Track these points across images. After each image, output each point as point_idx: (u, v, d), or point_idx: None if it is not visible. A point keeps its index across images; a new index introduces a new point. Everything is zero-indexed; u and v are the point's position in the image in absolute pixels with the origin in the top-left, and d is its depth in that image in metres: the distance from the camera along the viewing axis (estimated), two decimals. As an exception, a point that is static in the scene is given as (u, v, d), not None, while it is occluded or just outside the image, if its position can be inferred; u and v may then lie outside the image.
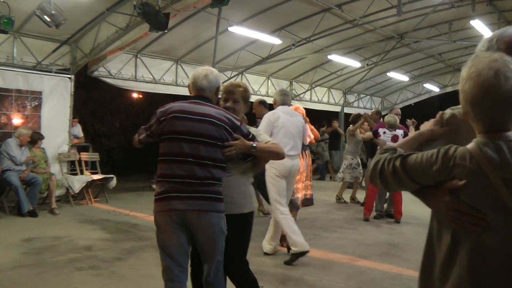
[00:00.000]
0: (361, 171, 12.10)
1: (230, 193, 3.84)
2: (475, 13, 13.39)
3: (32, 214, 9.43)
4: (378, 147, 9.71)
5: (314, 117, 15.16)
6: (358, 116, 12.15)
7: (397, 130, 10.07)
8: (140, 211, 10.25)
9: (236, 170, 3.95)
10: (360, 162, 12.29)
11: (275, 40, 13.58)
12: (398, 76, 19.98)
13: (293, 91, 18.82)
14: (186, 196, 3.59)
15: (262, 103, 8.20)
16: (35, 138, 10.37)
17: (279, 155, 4.02)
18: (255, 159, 3.94)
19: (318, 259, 6.90)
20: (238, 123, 3.76)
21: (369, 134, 10.13)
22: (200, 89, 3.79)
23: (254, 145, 3.76)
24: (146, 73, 13.67)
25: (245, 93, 4.19)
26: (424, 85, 23.11)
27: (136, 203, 11.40)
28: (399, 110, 11.33)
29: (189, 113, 3.67)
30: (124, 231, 8.47)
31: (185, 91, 14.55)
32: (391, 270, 6.44)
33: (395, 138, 9.88)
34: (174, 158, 3.65)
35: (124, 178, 12.68)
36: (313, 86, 19.77)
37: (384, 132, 10.01)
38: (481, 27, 13.69)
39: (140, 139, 3.97)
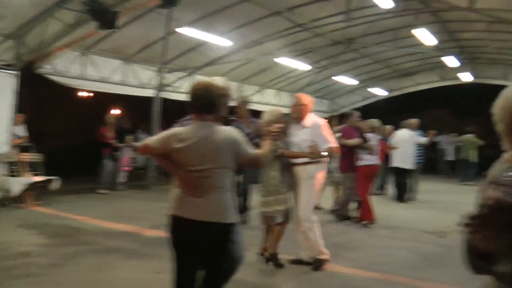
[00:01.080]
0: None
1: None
2: (419, 22, 13.76)
3: (-32, 218, 9.03)
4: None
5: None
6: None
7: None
8: (84, 214, 10.01)
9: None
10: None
11: (225, 42, 13.53)
12: (347, 80, 20.26)
13: (242, 93, 18.83)
14: None
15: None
16: None
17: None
18: None
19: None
20: None
21: (357, 140, 9.93)
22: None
23: None
24: (94, 72, 13.37)
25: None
26: (372, 89, 23.63)
27: (80, 206, 11.12)
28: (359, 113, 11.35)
29: None
30: (65, 235, 8.21)
31: (133, 91, 14.50)
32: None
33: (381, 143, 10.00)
34: None
35: (70, 180, 12.38)
36: (263, 88, 19.82)
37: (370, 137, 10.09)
38: (425, 36, 14.03)
39: None
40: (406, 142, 12.98)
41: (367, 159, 9.84)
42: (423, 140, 13.39)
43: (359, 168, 9.85)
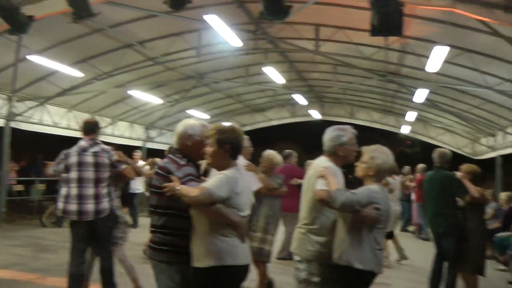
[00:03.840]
0: None
1: (191, 244, 3.80)
2: (268, 60, 14.68)
3: None
4: None
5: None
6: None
7: None
8: None
9: (194, 219, 3.77)
10: None
11: (76, 73, 13.60)
12: (199, 114, 20.77)
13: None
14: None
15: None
16: None
17: (192, 200, 3.60)
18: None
19: None
20: (176, 167, 3.84)
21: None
22: (175, 144, 4.12)
23: (178, 188, 3.63)
24: None
25: (219, 135, 3.86)
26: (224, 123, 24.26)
27: None
28: None
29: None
30: None
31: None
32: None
33: None
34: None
35: None
36: (115, 120, 19.85)
37: None
38: (273, 74, 14.97)
39: None
40: None
41: None
42: None
43: None
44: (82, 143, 6.17)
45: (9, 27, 8.30)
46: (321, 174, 4.31)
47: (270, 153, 7.39)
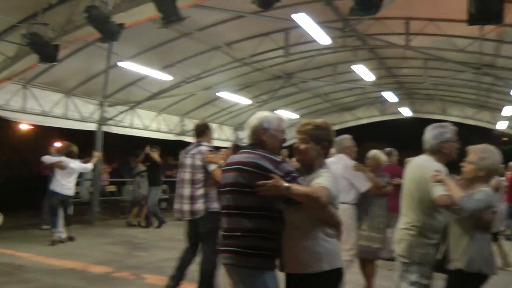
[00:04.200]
0: None
1: (290, 248, 3.51)
2: (357, 58, 14.32)
3: None
4: None
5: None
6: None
7: None
8: (26, 250, 9.77)
9: (294, 219, 3.52)
10: None
11: (165, 76, 13.81)
12: (288, 114, 20.60)
13: (184, 127, 19.00)
14: (224, 249, 3.61)
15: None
16: None
17: (314, 200, 3.32)
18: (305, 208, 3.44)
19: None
20: (272, 165, 3.47)
21: None
22: (247, 138, 3.80)
23: (287, 185, 3.34)
24: (35, 105, 13.34)
25: (316, 131, 3.67)
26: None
27: (22, 242, 10.84)
28: None
29: (228, 164, 3.73)
30: (7, 273, 7.98)
31: (75, 125, 14.49)
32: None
33: None
34: (221, 211, 3.75)
35: (10, 215, 12.10)
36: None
37: None
38: (363, 71, 14.60)
39: None
40: None
41: None
42: None
43: None
44: (189, 146, 6.52)
45: (100, 36, 8.49)
46: (437, 179, 4.06)
47: (376, 153, 7.29)
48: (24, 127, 21.18)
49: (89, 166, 10.97)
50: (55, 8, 9.27)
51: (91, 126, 15.12)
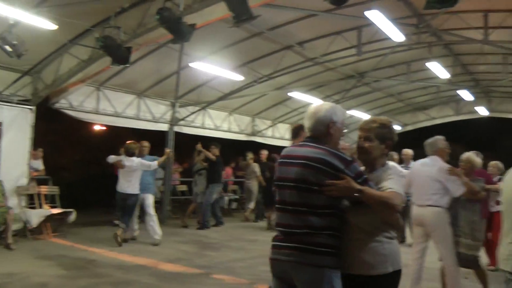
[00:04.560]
0: None
1: (355, 249, 3.40)
2: (432, 55, 13.80)
3: (-13, 249, 9.16)
4: None
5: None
6: None
7: None
8: (99, 246, 10.10)
9: (359, 221, 3.40)
10: None
11: (237, 77, 13.75)
12: (360, 114, 20.21)
13: (255, 127, 18.97)
14: (283, 245, 3.40)
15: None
16: None
17: (390, 207, 3.25)
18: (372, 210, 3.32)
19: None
20: (343, 164, 3.29)
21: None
22: (309, 130, 3.54)
23: (360, 188, 3.22)
24: (108, 106, 13.61)
25: (382, 130, 3.56)
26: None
27: (95, 238, 11.16)
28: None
29: (288, 157, 3.48)
30: (81, 268, 8.28)
31: (147, 125, 14.67)
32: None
33: None
34: (278, 206, 3.51)
35: (84, 212, 12.46)
36: (275, 122, 19.95)
37: None
38: (438, 69, 14.09)
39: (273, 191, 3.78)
40: None
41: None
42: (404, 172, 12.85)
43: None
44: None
45: (172, 37, 8.48)
46: None
47: (470, 155, 6.97)
48: (97, 127, 21.65)
49: (153, 164, 10.86)
50: (127, 12, 9.38)
51: (163, 127, 15.28)
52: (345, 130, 3.66)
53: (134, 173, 10.58)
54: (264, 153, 15.68)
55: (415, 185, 6.56)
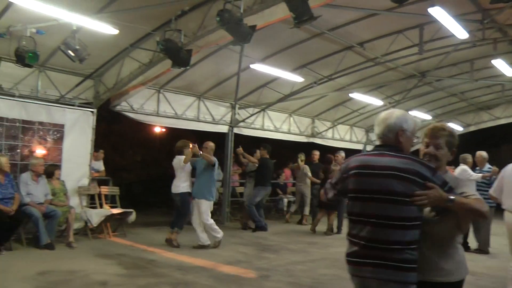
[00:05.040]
0: None
1: (433, 257, 3.33)
2: (497, 52, 13.33)
3: (49, 247, 9.44)
4: None
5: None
6: None
7: None
8: (158, 247, 10.24)
9: (441, 229, 3.33)
10: None
11: (297, 78, 13.65)
12: (421, 115, 19.75)
13: (315, 129, 18.81)
14: (367, 262, 3.25)
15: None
16: (51, 170, 10.55)
17: (481, 214, 3.21)
18: (453, 217, 3.26)
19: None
20: (430, 173, 3.21)
21: None
22: (378, 136, 3.47)
23: (452, 197, 3.14)
24: (168, 108, 13.76)
25: (450, 138, 3.52)
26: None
27: (154, 238, 11.33)
28: None
29: (371, 167, 3.33)
30: (141, 267, 8.40)
31: (207, 127, 14.74)
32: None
33: None
34: (355, 218, 3.38)
35: (143, 213, 12.65)
36: (335, 124, 19.74)
37: None
38: (503, 66, 13.62)
39: (328, 198, 3.70)
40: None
41: None
42: (475, 176, 12.43)
43: None
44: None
45: (233, 39, 8.45)
46: None
47: None
48: (157, 129, 21.94)
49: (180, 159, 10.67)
50: (187, 15, 9.42)
51: (223, 128, 15.31)
52: (415, 140, 3.53)
53: (182, 173, 10.61)
54: (316, 153, 15.52)
55: (508, 190, 6.03)
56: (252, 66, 12.51)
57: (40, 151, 10.99)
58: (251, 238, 12.11)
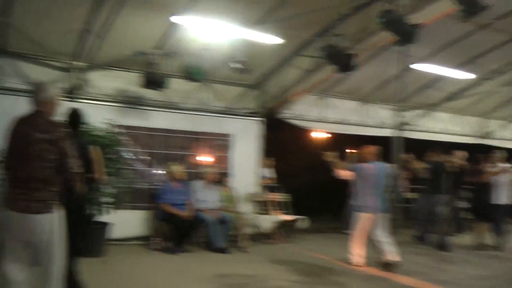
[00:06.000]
0: None
1: None
2: None
3: (223, 251, 9.86)
4: None
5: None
6: None
7: None
8: (329, 254, 10.07)
9: None
10: None
11: (462, 75, 12.81)
12: None
13: (486, 129, 17.56)
14: None
15: None
16: (221, 178, 11.16)
17: None
18: None
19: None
20: None
21: None
22: None
23: None
24: (332, 114, 13.83)
25: None
26: None
27: (324, 245, 11.30)
28: None
29: None
30: (315, 274, 8.37)
31: (371, 131, 14.52)
32: None
33: None
34: None
35: (311, 219, 12.63)
36: (509, 122, 18.17)
37: None
38: None
39: None
40: None
41: None
42: None
43: None
44: None
45: (397, 39, 8.26)
46: None
47: None
48: (321, 134, 22.01)
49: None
50: (348, 18, 9.35)
51: (387, 132, 14.93)
52: None
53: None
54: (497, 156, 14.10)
55: None
56: (412, 66, 11.98)
57: (209, 159, 11.62)
58: (428, 249, 11.20)
